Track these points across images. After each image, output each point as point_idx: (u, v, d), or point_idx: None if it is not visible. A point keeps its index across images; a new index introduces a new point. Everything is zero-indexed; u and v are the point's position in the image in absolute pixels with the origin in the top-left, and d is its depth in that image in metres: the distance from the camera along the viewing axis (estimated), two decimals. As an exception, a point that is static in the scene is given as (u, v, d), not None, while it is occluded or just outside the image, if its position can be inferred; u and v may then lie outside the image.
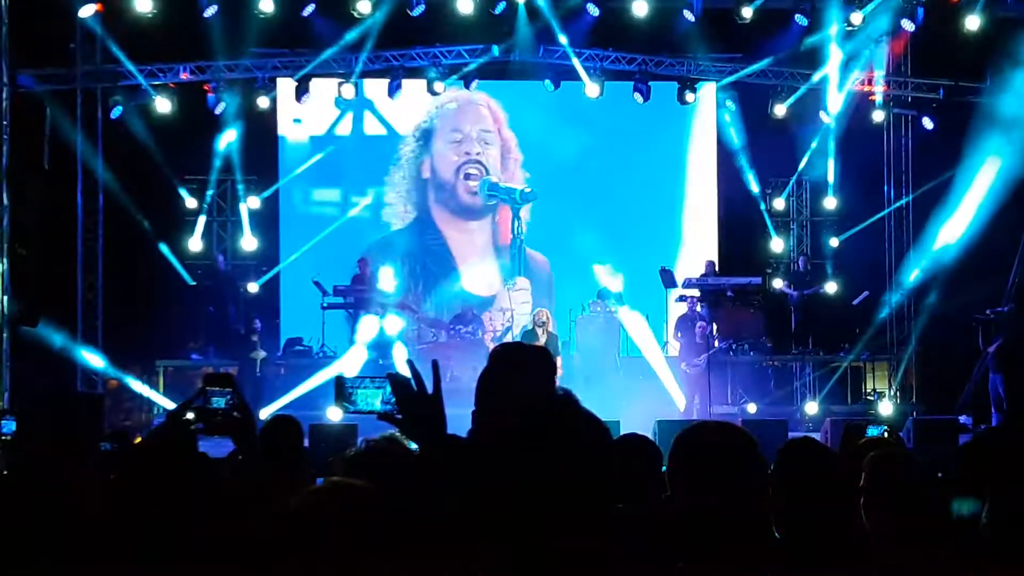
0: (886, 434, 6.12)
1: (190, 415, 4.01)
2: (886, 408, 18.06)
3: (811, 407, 18.50)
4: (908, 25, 18.56)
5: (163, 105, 18.91)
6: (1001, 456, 3.61)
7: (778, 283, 20.60)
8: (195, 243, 20.33)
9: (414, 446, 4.17)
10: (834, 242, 21.07)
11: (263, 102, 19.69)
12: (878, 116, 20.47)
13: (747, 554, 2.88)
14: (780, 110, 19.97)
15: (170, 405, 17.30)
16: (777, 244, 21.36)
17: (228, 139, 19.73)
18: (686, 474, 2.90)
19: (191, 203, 20.32)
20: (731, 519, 2.84)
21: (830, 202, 21.02)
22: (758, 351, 19.80)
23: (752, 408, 18.00)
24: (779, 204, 21.73)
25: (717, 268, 20.23)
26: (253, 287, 20.15)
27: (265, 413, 15.39)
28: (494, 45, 19.46)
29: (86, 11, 17.61)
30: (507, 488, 1.74)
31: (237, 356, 18.70)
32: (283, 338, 20.23)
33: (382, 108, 21.23)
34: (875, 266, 20.92)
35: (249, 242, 20.62)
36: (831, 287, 20.44)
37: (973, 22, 18.15)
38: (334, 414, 14.57)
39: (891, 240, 21.04)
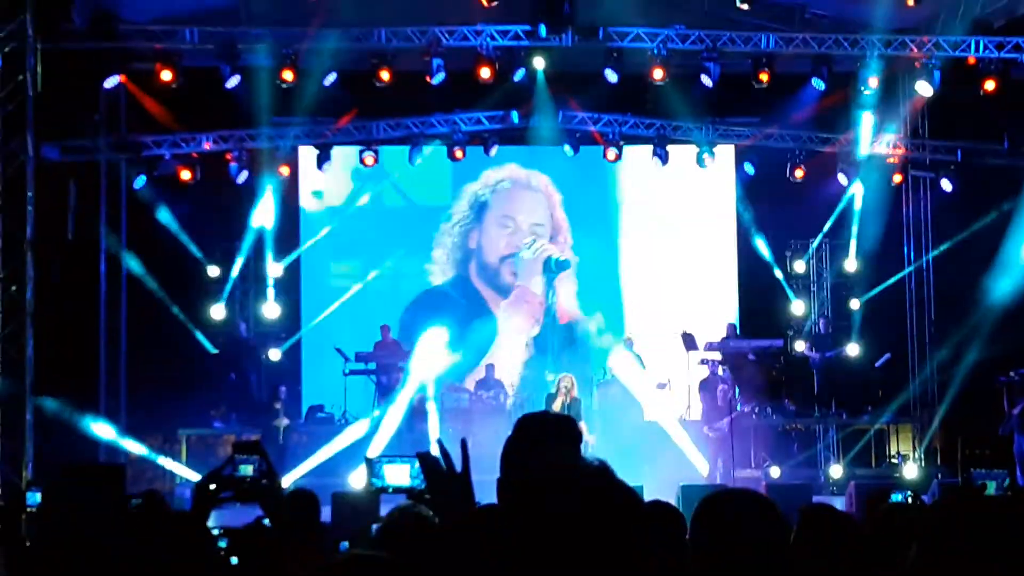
0: (910, 499, 6.08)
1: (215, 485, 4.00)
2: (911, 471, 17.91)
3: (835, 470, 18.35)
4: (925, 88, 18.53)
5: (186, 175, 19.09)
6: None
7: (800, 345, 20.53)
8: (218, 311, 20.19)
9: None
10: (855, 304, 21.00)
11: (284, 170, 19.87)
12: (897, 178, 20.48)
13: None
14: (798, 173, 20.01)
15: (191, 474, 17.29)
16: (798, 306, 21.24)
17: (262, 211, 19.81)
18: (709, 542, 2.91)
19: (213, 271, 20.36)
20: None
21: (850, 264, 20.98)
22: (780, 414, 19.68)
23: (775, 472, 17.86)
24: (799, 266, 21.66)
25: (738, 331, 20.20)
26: (275, 354, 20.16)
27: (288, 480, 15.38)
28: (513, 111, 19.61)
29: (110, 83, 17.84)
30: (543, 559, 1.75)
31: (259, 424, 18.67)
32: (305, 405, 20.22)
33: (400, 180, 21.33)
34: (897, 328, 20.85)
35: (272, 310, 20.61)
36: (853, 349, 20.33)
37: (990, 84, 18.19)
38: (357, 481, 14.53)
39: (912, 302, 20.99)
